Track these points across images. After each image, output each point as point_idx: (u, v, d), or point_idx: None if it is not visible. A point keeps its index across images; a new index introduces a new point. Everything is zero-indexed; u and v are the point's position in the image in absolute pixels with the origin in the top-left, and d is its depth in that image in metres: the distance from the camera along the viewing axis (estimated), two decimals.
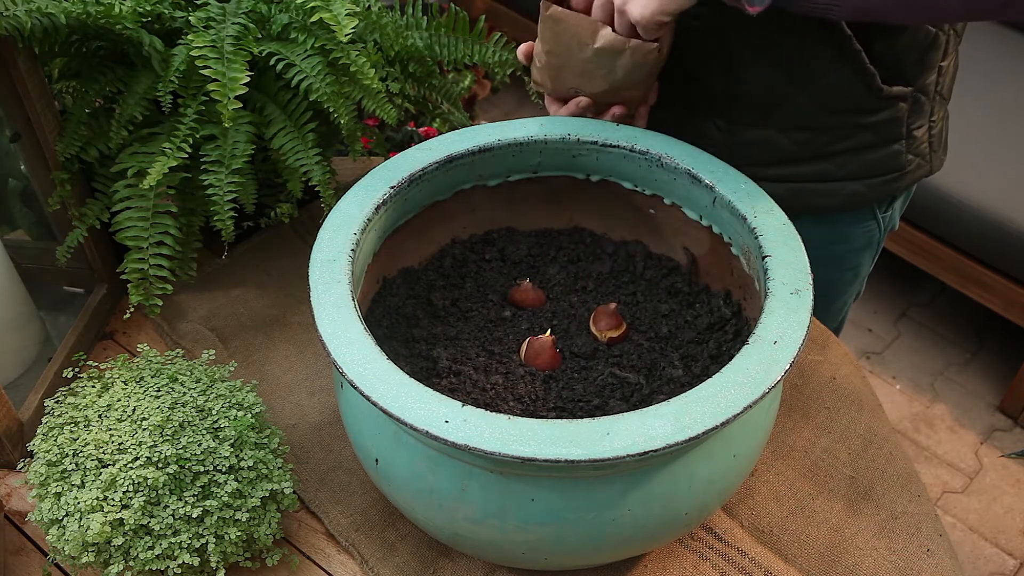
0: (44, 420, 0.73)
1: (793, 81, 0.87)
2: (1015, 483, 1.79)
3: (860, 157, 0.92)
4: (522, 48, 0.86)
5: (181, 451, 0.69)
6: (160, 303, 0.85)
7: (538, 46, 0.83)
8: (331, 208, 0.73)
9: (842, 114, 0.89)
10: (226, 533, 0.69)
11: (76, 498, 0.67)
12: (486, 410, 0.58)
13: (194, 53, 0.78)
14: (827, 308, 1.07)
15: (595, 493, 0.61)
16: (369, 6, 0.91)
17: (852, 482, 0.81)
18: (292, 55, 0.82)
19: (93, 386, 0.76)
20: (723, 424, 0.57)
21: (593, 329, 0.80)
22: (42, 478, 0.70)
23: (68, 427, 0.72)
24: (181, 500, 0.68)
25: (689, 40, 0.86)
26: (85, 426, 0.72)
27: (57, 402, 0.75)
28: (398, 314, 0.80)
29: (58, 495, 0.69)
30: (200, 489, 0.69)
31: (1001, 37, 2.07)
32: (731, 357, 0.62)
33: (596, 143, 0.80)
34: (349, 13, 0.79)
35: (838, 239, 1.00)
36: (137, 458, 0.69)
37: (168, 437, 0.70)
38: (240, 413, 0.73)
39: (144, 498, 0.67)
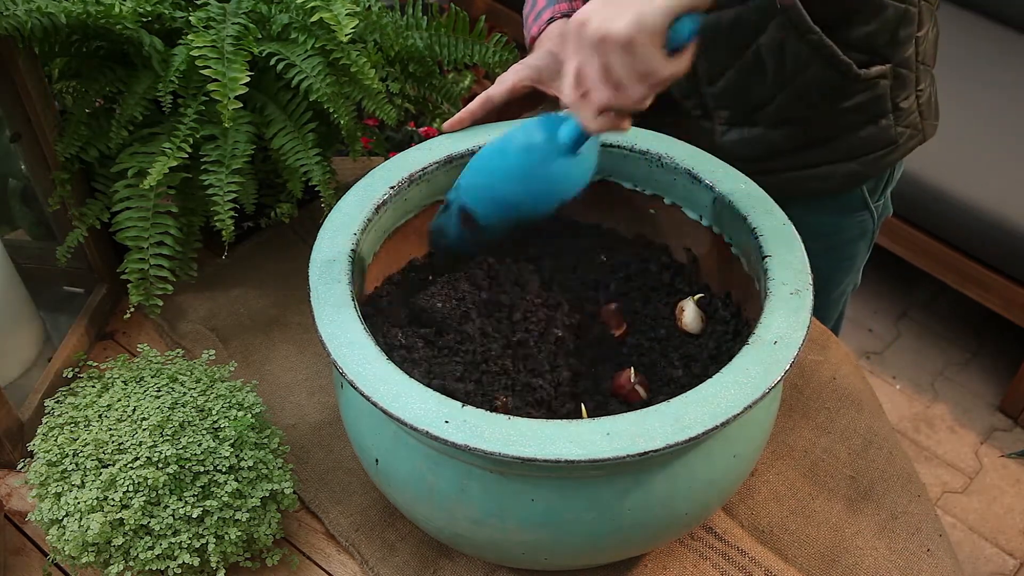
0: (44, 420, 0.73)
1: (770, 81, 0.88)
2: (1015, 483, 1.79)
3: (850, 138, 0.93)
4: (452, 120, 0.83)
5: (181, 451, 0.69)
6: (160, 303, 0.85)
7: None
8: (331, 208, 0.73)
9: (825, 103, 0.89)
10: (226, 533, 0.69)
11: (76, 498, 0.67)
12: (486, 410, 0.58)
13: (194, 53, 0.78)
14: (826, 298, 1.08)
15: (595, 493, 0.61)
16: (369, 6, 0.91)
17: (852, 482, 0.81)
18: (292, 55, 0.82)
19: (93, 386, 0.76)
20: (723, 424, 0.57)
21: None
22: (42, 478, 0.70)
23: (68, 427, 0.72)
24: (181, 500, 0.68)
25: None
26: (85, 426, 0.72)
27: (57, 402, 0.75)
28: (398, 314, 0.80)
29: (58, 495, 0.69)
30: (200, 489, 0.69)
31: (1000, 37, 2.07)
32: (731, 357, 0.62)
33: None
34: (349, 13, 0.79)
35: (832, 230, 1.01)
36: (137, 458, 0.69)
37: (168, 437, 0.70)
38: (240, 413, 0.73)
39: (144, 498, 0.67)
